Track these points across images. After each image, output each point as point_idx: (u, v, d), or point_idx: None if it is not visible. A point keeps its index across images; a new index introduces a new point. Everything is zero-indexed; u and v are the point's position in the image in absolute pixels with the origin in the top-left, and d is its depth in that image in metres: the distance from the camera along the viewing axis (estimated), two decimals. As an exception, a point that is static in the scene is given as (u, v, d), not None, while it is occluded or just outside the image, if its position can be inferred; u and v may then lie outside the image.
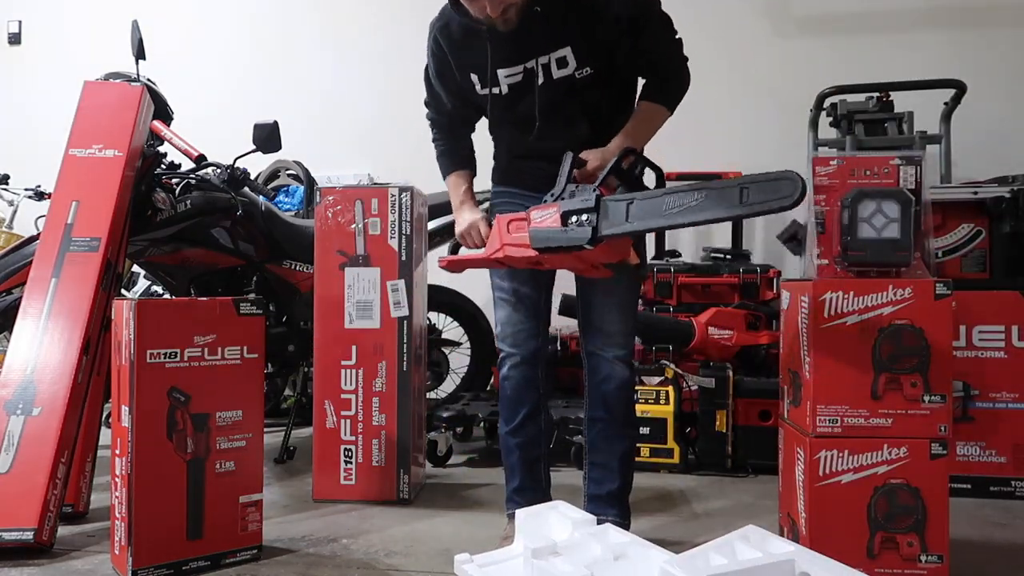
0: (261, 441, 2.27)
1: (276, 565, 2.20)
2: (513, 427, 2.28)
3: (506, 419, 2.30)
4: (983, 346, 2.88)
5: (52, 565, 2.18)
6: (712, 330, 3.46)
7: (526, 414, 2.27)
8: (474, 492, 2.93)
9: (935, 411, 1.96)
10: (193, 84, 4.74)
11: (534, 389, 2.27)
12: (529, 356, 2.25)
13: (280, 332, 3.41)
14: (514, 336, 2.25)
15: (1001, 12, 4.33)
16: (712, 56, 4.23)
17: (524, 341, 2.25)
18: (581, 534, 1.57)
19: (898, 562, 1.96)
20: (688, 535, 2.41)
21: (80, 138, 2.74)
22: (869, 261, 2.04)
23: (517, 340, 2.25)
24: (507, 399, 2.29)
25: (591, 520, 1.70)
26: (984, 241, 3.12)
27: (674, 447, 3.20)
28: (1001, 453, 2.86)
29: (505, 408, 2.30)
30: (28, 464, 2.27)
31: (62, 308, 2.49)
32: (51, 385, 2.39)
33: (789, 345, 2.20)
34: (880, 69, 4.05)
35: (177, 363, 2.12)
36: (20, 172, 4.57)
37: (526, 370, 2.26)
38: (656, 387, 3.26)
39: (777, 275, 3.76)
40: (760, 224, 4.51)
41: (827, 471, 1.97)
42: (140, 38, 3.00)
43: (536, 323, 2.26)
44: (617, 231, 1.75)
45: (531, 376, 2.26)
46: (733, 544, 1.41)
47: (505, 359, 2.27)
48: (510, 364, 2.26)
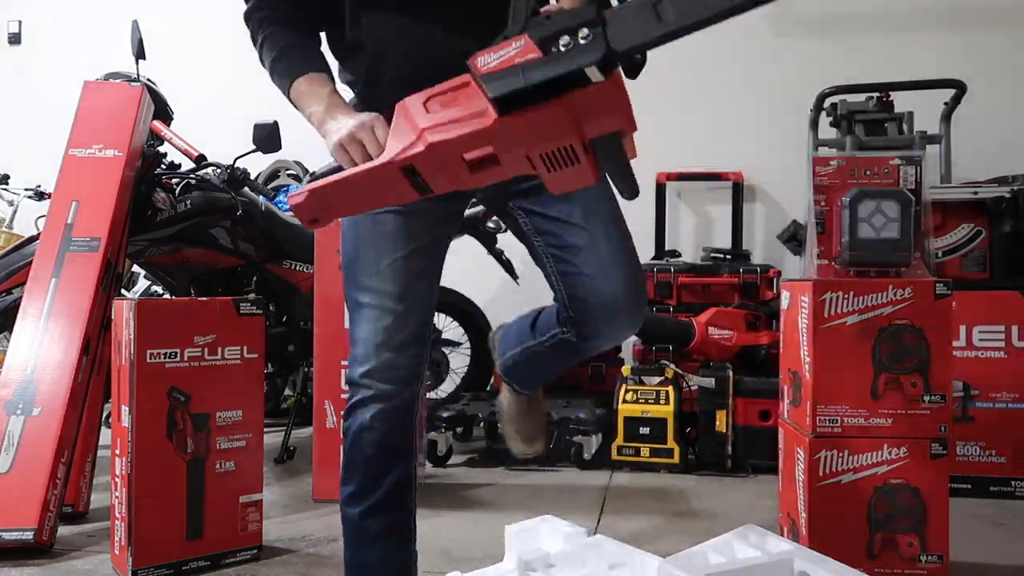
0: (261, 441, 2.27)
1: (276, 565, 2.20)
2: (374, 503, 1.52)
3: (361, 490, 1.53)
4: (983, 346, 2.88)
5: (52, 565, 2.18)
6: (712, 330, 3.46)
7: (395, 483, 1.52)
8: (474, 492, 2.93)
9: (935, 411, 1.96)
10: (193, 84, 4.74)
11: (409, 444, 1.55)
12: (410, 398, 1.51)
13: (280, 332, 3.42)
14: (387, 366, 1.48)
15: (1001, 12, 4.33)
16: (712, 56, 4.22)
17: (404, 375, 1.50)
18: (573, 546, 1.57)
19: (898, 562, 1.96)
20: (688, 535, 2.40)
21: (80, 138, 2.75)
22: (869, 261, 2.04)
23: (392, 373, 1.49)
24: (365, 461, 1.52)
25: (582, 532, 1.69)
26: (984, 241, 3.12)
27: (674, 447, 3.20)
28: (1001, 453, 2.86)
29: (359, 474, 1.53)
30: (28, 464, 2.27)
31: (62, 308, 2.49)
32: (51, 385, 2.38)
33: (789, 345, 2.20)
34: (880, 69, 4.05)
35: (177, 363, 2.12)
36: (20, 172, 4.57)
37: (401, 417, 1.51)
38: (656, 387, 3.26)
39: (777, 275, 3.76)
40: (760, 224, 4.51)
41: (827, 471, 1.97)
42: (140, 38, 3.00)
43: (422, 346, 1.53)
44: (650, 37, 1.05)
45: (407, 425, 1.53)
46: (732, 543, 1.41)
47: (367, 402, 1.50)
48: (377, 410, 1.49)
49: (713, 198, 4.52)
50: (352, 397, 1.52)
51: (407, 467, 1.54)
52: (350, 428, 1.52)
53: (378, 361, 1.47)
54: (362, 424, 1.50)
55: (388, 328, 1.47)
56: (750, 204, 4.47)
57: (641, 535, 2.39)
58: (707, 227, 4.57)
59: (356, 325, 1.50)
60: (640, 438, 3.22)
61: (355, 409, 1.51)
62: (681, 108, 4.36)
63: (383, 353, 1.47)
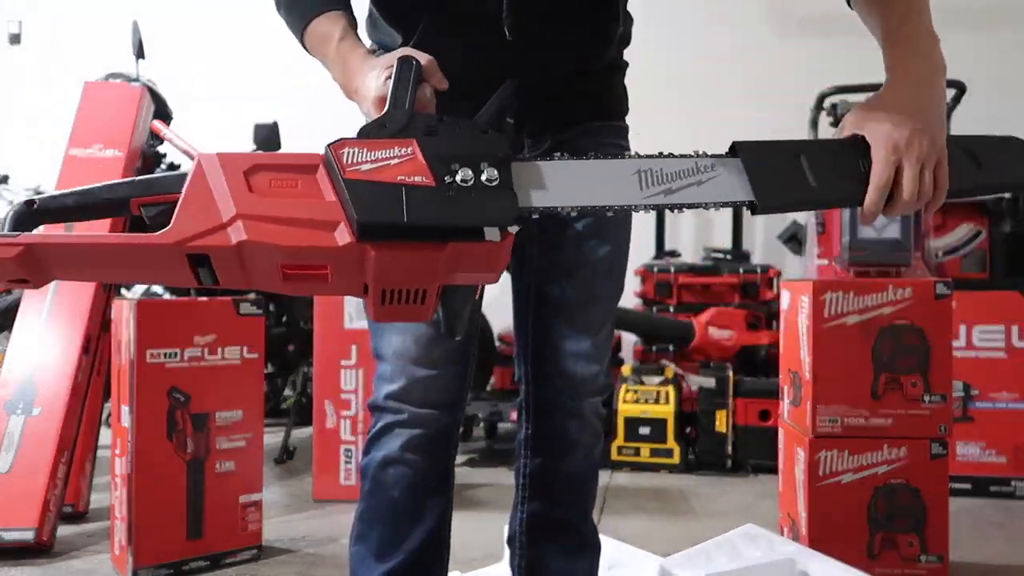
0: (261, 441, 2.27)
1: (276, 565, 2.20)
2: (400, 563, 1.20)
3: (384, 547, 1.21)
4: (983, 346, 2.88)
5: (52, 565, 2.18)
6: (712, 330, 3.46)
7: (426, 537, 1.22)
8: (474, 492, 2.93)
9: (935, 411, 1.96)
10: (193, 84, 4.74)
11: (445, 486, 1.27)
12: (451, 424, 1.24)
13: (280, 332, 3.42)
14: (427, 385, 1.20)
15: (1001, 12, 4.33)
16: (713, 56, 4.23)
17: (446, 396, 1.22)
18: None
19: (898, 562, 1.96)
20: (688, 535, 2.40)
21: (80, 138, 2.75)
22: (870, 261, 2.04)
23: (433, 394, 1.20)
24: (389, 506, 1.21)
25: None
26: (984, 241, 3.12)
27: (674, 447, 3.20)
28: (1001, 453, 2.86)
29: (384, 525, 1.22)
30: (28, 464, 2.27)
31: (62, 308, 2.49)
32: (51, 385, 2.38)
33: (789, 345, 2.20)
34: (880, 69, 4.05)
35: (177, 363, 2.12)
36: (20, 172, 4.57)
37: (440, 450, 1.23)
38: (656, 387, 3.26)
39: (777, 275, 3.76)
40: (760, 224, 4.51)
41: (827, 471, 1.97)
42: (140, 38, 3.00)
43: (468, 366, 1.25)
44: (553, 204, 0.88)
45: (445, 464, 1.26)
46: (733, 543, 1.41)
47: (394, 427, 1.20)
48: (409, 438, 1.20)
49: (713, 198, 4.52)
50: (375, 425, 1.22)
51: (443, 515, 1.25)
52: (371, 464, 1.21)
53: (411, 380, 1.19)
54: (388, 456, 1.19)
55: (424, 340, 1.18)
56: (750, 204, 4.47)
57: (641, 535, 2.39)
58: (707, 227, 4.57)
59: (380, 337, 1.20)
60: (640, 438, 3.22)
61: (378, 439, 1.21)
62: (681, 108, 4.36)
63: (418, 371, 1.19)
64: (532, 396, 1.29)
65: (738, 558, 1.40)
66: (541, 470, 1.30)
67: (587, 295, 1.26)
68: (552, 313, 1.26)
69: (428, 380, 1.19)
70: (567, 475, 1.30)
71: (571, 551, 1.33)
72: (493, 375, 3.89)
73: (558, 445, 1.29)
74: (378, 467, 1.21)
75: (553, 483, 1.30)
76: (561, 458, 1.29)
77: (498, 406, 3.40)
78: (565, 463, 1.29)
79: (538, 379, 1.28)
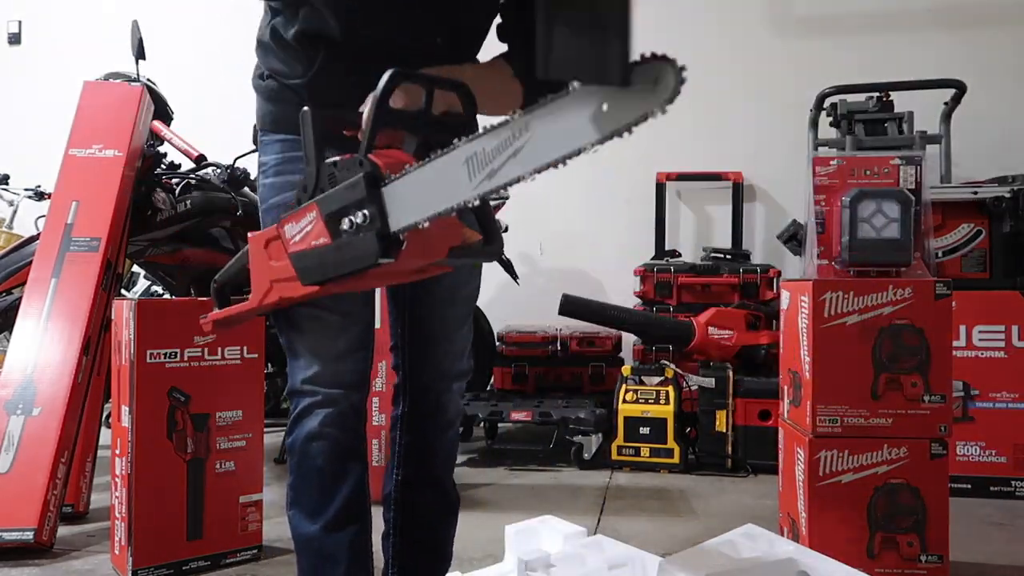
0: (261, 441, 2.27)
1: (276, 565, 2.20)
2: (331, 519, 1.42)
3: (314, 507, 1.43)
4: (983, 346, 2.88)
5: (52, 565, 2.18)
6: (712, 330, 3.46)
7: (349, 495, 1.43)
8: (474, 492, 2.93)
9: (935, 411, 1.96)
10: (193, 84, 4.73)
11: (362, 453, 1.47)
12: (359, 402, 1.46)
13: (280, 332, 3.41)
14: (335, 370, 1.41)
15: (1001, 12, 4.33)
16: (713, 56, 4.23)
17: (352, 377, 1.43)
18: (573, 546, 1.56)
19: (898, 562, 1.96)
20: (688, 535, 2.40)
21: (80, 138, 2.75)
22: (869, 261, 2.04)
23: (342, 376, 1.42)
24: (316, 473, 1.42)
25: (582, 532, 1.69)
26: (984, 241, 3.12)
27: (674, 447, 3.20)
28: (1001, 453, 2.86)
29: (312, 489, 1.43)
30: (28, 464, 2.27)
31: (62, 308, 2.49)
32: (51, 385, 2.39)
33: (789, 345, 2.20)
34: (880, 69, 4.05)
35: (177, 363, 2.12)
36: (20, 172, 4.57)
37: (351, 423, 1.44)
38: (656, 387, 3.26)
39: (777, 275, 3.77)
40: (760, 224, 4.51)
41: (827, 471, 1.97)
42: (140, 38, 3.00)
43: (368, 352, 1.47)
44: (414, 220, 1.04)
45: (357, 433, 1.46)
46: (732, 543, 1.41)
47: (312, 408, 1.41)
48: (325, 415, 1.41)
49: (713, 198, 4.52)
50: (295, 407, 1.43)
51: (362, 476, 1.45)
52: (296, 441, 1.42)
53: (323, 366, 1.40)
54: (310, 432, 1.41)
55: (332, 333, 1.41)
56: (750, 204, 4.48)
57: (641, 535, 2.39)
58: (707, 227, 4.57)
59: (293, 333, 1.42)
60: (640, 438, 3.22)
61: (300, 419, 1.42)
62: (681, 108, 4.35)
63: (328, 359, 1.41)
64: (409, 380, 1.54)
65: (738, 558, 1.40)
66: (419, 441, 1.55)
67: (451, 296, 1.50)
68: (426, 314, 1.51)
69: (337, 366, 1.41)
70: (441, 445, 1.57)
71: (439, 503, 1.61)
72: (493, 375, 3.89)
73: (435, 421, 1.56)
74: (303, 442, 1.42)
75: (426, 451, 1.56)
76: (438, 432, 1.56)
77: (498, 406, 3.40)
78: (440, 436, 1.57)
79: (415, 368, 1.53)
